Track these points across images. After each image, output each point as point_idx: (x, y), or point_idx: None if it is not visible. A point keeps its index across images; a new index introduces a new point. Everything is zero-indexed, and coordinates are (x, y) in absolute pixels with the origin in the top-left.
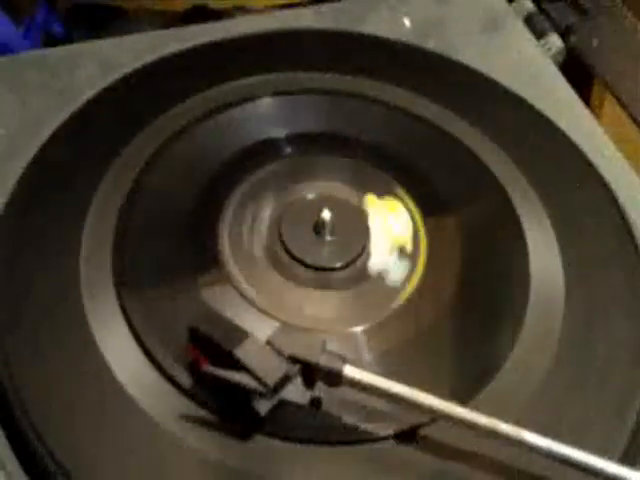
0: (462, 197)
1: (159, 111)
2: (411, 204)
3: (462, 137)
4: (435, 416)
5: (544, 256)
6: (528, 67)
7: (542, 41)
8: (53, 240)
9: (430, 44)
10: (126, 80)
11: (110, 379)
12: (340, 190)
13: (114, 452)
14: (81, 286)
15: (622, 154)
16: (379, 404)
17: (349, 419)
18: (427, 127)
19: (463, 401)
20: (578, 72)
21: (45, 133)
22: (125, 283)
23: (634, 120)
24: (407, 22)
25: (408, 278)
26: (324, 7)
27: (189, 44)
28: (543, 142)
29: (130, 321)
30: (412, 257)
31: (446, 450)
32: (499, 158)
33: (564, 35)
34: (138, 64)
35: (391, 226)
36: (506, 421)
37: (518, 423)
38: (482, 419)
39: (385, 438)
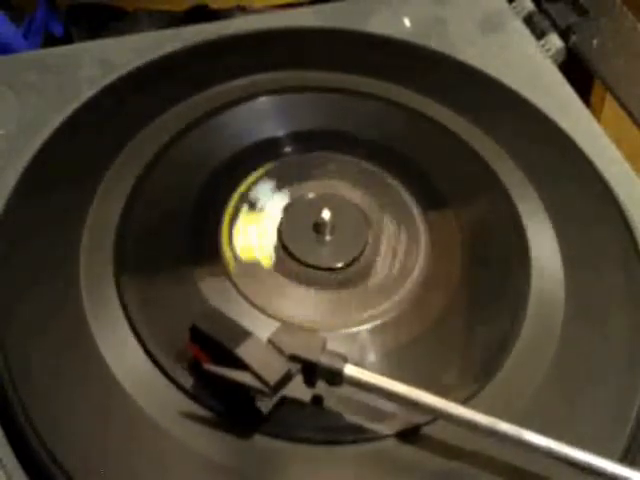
0: (463, 195)
1: (159, 111)
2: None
3: (463, 135)
4: (435, 415)
5: (544, 256)
6: (528, 67)
7: (542, 41)
8: (53, 240)
9: (430, 44)
10: (126, 79)
11: (110, 378)
12: (341, 189)
13: (114, 452)
14: (81, 286)
15: (622, 154)
16: (381, 403)
17: (351, 418)
18: (428, 125)
19: (463, 401)
20: (578, 72)
21: (45, 133)
22: (126, 282)
23: (634, 120)
24: (407, 22)
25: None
26: (324, 7)
27: (189, 44)
28: (544, 141)
29: (131, 320)
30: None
31: (448, 449)
32: (500, 157)
33: (564, 35)
34: (138, 64)
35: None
36: (506, 421)
37: (518, 422)
38: (482, 418)
39: (387, 437)
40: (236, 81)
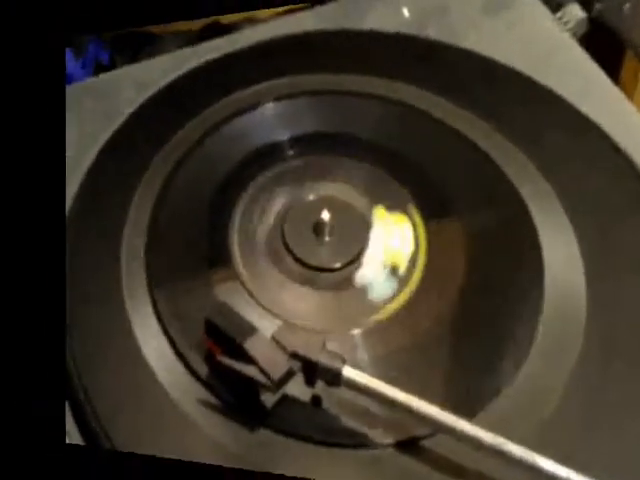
0: (467, 196)
1: (181, 124)
2: (415, 204)
3: (468, 132)
4: (433, 428)
5: (562, 269)
6: (543, 45)
7: (559, 13)
8: (100, 246)
9: (431, 30)
10: (152, 100)
11: (147, 370)
12: (345, 192)
13: (144, 425)
14: (123, 287)
15: None
16: (382, 409)
17: (352, 422)
18: (434, 125)
19: (467, 415)
20: (604, 45)
21: (93, 152)
22: (156, 283)
23: None
24: (406, 12)
25: (399, 292)
26: (323, 8)
27: (207, 58)
28: (565, 133)
29: (159, 316)
30: (402, 279)
31: (446, 463)
32: (513, 155)
33: (586, 3)
34: (165, 82)
35: (391, 241)
36: (513, 441)
37: (526, 444)
38: (486, 436)
39: (385, 445)
40: (248, 90)
